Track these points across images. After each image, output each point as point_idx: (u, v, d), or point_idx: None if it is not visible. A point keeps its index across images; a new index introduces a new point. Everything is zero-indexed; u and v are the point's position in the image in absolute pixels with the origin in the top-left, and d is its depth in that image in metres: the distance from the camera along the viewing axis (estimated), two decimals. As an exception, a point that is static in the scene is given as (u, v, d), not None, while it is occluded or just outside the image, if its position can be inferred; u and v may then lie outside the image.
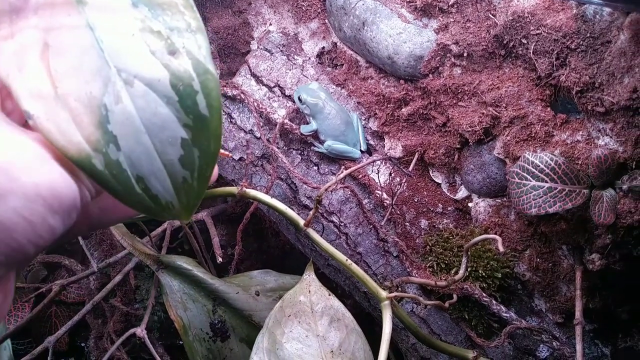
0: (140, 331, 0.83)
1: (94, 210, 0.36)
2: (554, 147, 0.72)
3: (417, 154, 0.86)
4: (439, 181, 0.88)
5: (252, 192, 0.69)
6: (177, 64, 0.33)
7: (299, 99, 0.82)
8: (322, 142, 0.84)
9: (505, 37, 0.73)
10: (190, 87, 0.33)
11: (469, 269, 0.78)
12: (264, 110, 0.85)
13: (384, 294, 0.65)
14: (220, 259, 0.88)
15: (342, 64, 0.91)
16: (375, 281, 0.67)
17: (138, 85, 0.32)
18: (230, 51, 0.96)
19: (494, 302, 0.76)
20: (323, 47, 0.93)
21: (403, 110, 0.85)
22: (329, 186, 0.68)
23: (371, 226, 0.83)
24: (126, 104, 0.32)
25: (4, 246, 0.26)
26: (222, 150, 0.71)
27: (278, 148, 0.84)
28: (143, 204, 0.33)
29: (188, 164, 0.34)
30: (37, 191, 0.27)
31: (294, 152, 0.86)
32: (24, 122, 0.32)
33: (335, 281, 0.92)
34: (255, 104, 0.85)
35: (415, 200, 0.86)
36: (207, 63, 0.34)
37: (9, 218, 0.26)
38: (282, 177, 0.86)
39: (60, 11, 0.34)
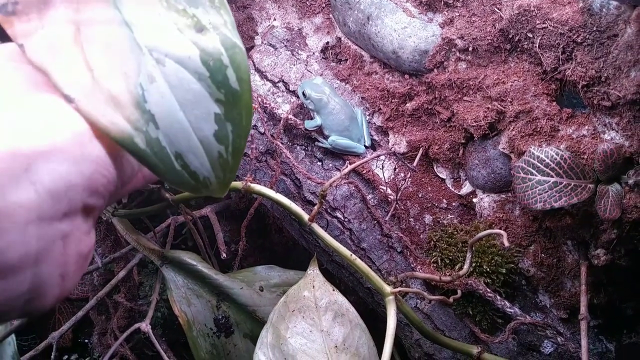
0: (145, 326, 0.83)
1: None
2: (559, 141, 0.71)
3: (421, 149, 0.86)
4: (444, 176, 0.88)
5: (257, 187, 0.68)
6: (205, 40, 0.34)
7: (303, 94, 0.82)
8: (326, 138, 0.84)
9: (511, 31, 0.72)
10: (220, 62, 0.34)
11: (473, 265, 0.78)
12: (268, 105, 0.85)
13: (388, 289, 0.64)
14: (224, 255, 0.88)
15: (347, 59, 0.91)
16: (380, 276, 0.67)
17: (169, 63, 0.33)
18: (233, 46, 0.95)
19: (498, 297, 0.76)
20: (327, 42, 0.93)
21: (407, 105, 0.84)
22: (333, 181, 0.68)
23: (375, 222, 0.83)
24: (160, 83, 0.32)
25: (102, 178, 0.32)
26: None
27: (282, 143, 0.84)
28: (183, 180, 0.34)
29: (222, 139, 0.34)
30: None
31: (298, 147, 0.86)
32: None
33: (339, 277, 0.92)
34: (260, 99, 0.85)
35: (420, 195, 0.86)
36: (234, 37, 0.35)
37: (100, 155, 0.32)
38: (286, 172, 0.86)
39: None
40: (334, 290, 0.71)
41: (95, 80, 0.32)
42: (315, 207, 0.67)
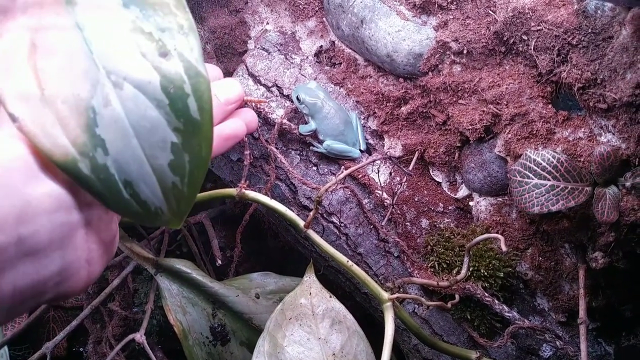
0: (140, 337, 0.81)
1: None
2: (555, 144, 0.71)
3: (417, 153, 0.85)
4: (440, 180, 0.87)
5: (252, 194, 0.68)
6: (168, 66, 0.33)
7: (297, 98, 0.81)
8: (321, 142, 0.83)
9: (506, 33, 0.72)
10: (182, 90, 0.32)
11: (470, 269, 0.77)
12: (262, 110, 0.84)
13: (385, 295, 0.64)
14: (219, 262, 0.87)
15: (341, 63, 0.90)
16: (377, 282, 0.66)
17: (128, 87, 0.32)
18: (227, 51, 0.95)
19: (496, 301, 0.75)
20: (321, 46, 0.92)
21: (402, 108, 0.84)
22: (329, 186, 0.67)
23: (372, 226, 0.82)
24: (115, 107, 0.31)
25: None
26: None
27: (277, 148, 0.83)
28: (131, 210, 0.32)
29: (178, 169, 0.33)
30: None
31: (292, 152, 0.85)
32: None
33: (336, 282, 0.92)
34: (253, 104, 0.84)
35: (416, 199, 0.85)
36: (199, 65, 0.33)
37: None
38: (281, 177, 0.85)
39: (49, 11, 0.33)
40: (331, 296, 0.70)
41: (44, 100, 0.30)
42: (311, 213, 0.67)
